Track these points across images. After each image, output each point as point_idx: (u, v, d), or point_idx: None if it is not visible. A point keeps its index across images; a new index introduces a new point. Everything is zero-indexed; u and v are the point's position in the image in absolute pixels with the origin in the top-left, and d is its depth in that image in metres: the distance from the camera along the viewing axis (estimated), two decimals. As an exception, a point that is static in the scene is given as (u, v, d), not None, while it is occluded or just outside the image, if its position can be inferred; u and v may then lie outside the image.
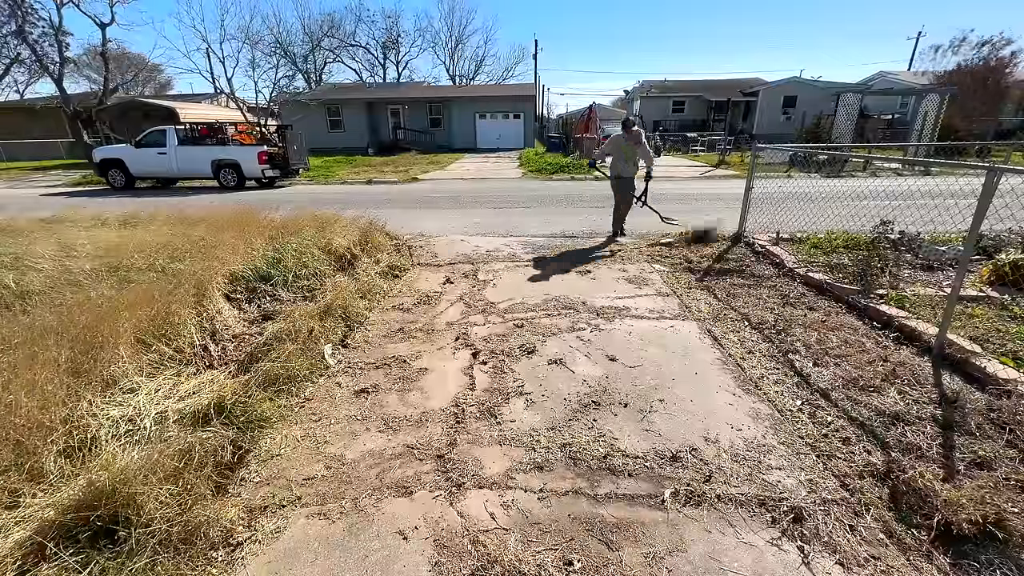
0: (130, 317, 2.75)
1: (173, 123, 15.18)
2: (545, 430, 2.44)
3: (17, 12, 18.60)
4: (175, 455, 1.91)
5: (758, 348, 3.28)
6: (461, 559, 1.72)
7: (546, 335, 3.52)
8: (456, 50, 46.57)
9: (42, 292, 3.34)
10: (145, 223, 5.79)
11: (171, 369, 2.71)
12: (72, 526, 1.60)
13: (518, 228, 7.34)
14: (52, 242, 4.38)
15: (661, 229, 6.68)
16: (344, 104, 25.81)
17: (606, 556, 1.73)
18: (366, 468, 2.20)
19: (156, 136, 13.11)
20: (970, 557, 1.69)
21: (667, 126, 28.55)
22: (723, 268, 5.06)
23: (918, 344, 3.16)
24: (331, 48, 35.83)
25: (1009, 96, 20.50)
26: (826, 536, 1.80)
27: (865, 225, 5.19)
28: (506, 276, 4.98)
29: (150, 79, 35.02)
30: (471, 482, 2.10)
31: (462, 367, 3.11)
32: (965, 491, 1.87)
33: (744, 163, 15.87)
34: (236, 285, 3.78)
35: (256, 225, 4.92)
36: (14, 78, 28.30)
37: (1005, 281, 4.01)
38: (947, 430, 2.31)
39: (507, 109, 26.66)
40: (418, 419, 2.56)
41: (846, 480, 2.07)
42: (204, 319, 3.22)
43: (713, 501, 1.97)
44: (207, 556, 1.70)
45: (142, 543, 1.58)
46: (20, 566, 1.52)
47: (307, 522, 1.91)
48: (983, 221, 2.83)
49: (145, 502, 1.66)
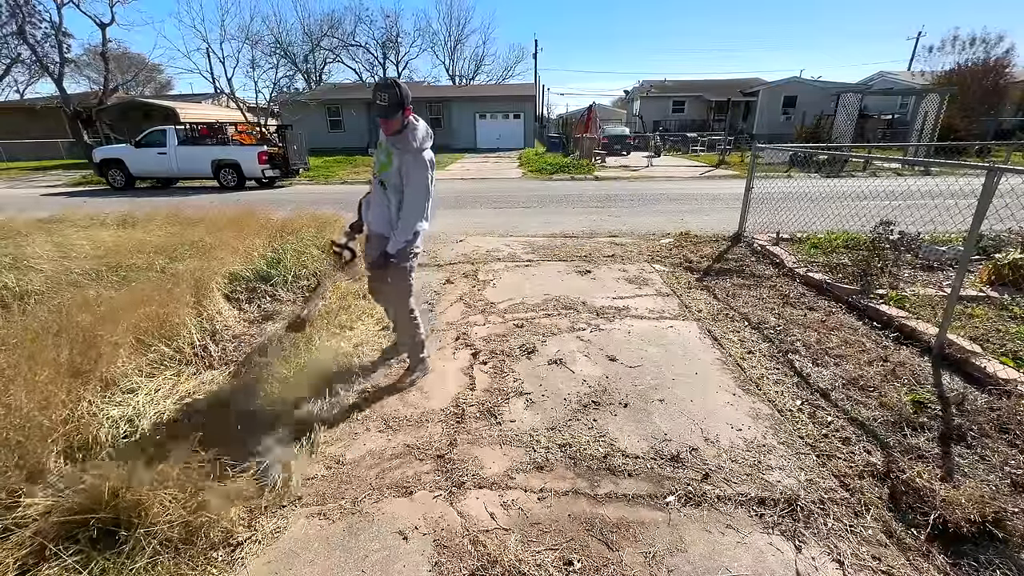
0: (130, 317, 2.75)
1: (173, 123, 15.18)
2: (545, 430, 2.44)
3: (18, 12, 18.60)
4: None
5: (758, 348, 3.28)
6: (461, 559, 1.72)
7: (546, 335, 3.52)
8: (455, 50, 46.59)
9: (42, 292, 3.34)
10: (145, 223, 5.79)
11: (171, 369, 2.71)
12: (72, 526, 1.60)
13: (518, 228, 7.34)
14: (51, 242, 4.38)
15: (662, 229, 6.67)
16: (344, 104, 25.83)
17: (606, 556, 1.73)
18: (366, 468, 2.20)
19: (156, 136, 13.10)
20: (970, 557, 1.69)
21: (667, 126, 28.56)
22: (723, 268, 5.06)
23: (918, 344, 3.15)
24: (331, 48, 35.77)
25: (1009, 96, 20.51)
26: (826, 536, 1.80)
27: (865, 225, 5.19)
28: (506, 276, 4.98)
29: (150, 79, 35.03)
30: (471, 482, 2.10)
31: (462, 367, 3.11)
32: (965, 491, 1.87)
33: (744, 163, 15.87)
34: (236, 285, 3.78)
35: (256, 225, 4.92)
36: (14, 78, 28.29)
37: (1005, 281, 4.01)
38: (947, 430, 2.31)
39: (507, 109, 26.67)
40: (418, 419, 2.56)
41: (846, 480, 2.07)
42: (204, 319, 3.22)
43: (713, 501, 1.97)
44: (207, 556, 1.70)
45: (142, 543, 1.58)
46: (21, 566, 1.52)
47: (307, 522, 1.91)
48: (983, 221, 2.84)
49: (145, 502, 1.66)
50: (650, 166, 17.38)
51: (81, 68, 30.28)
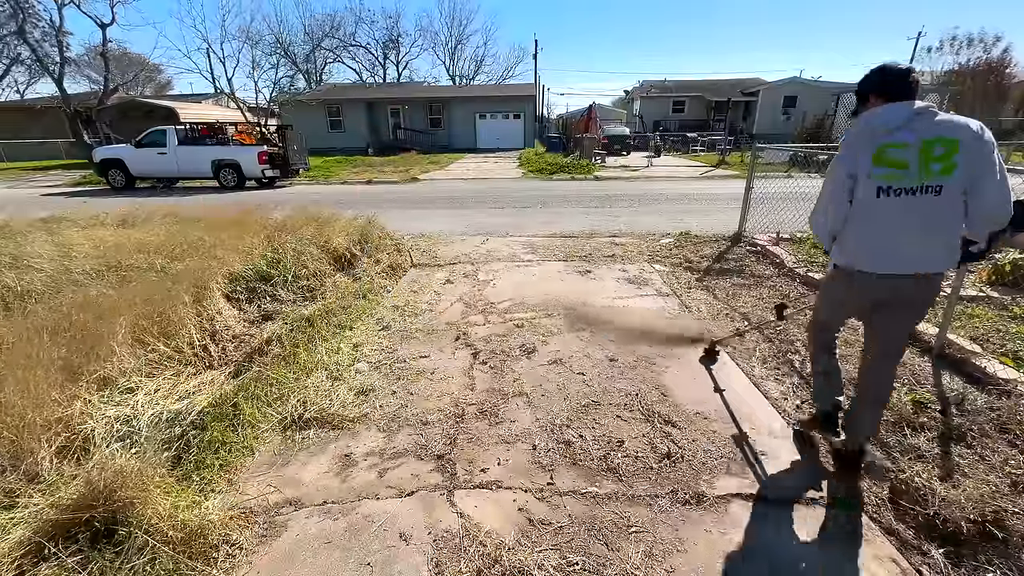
0: (129, 317, 2.75)
1: (173, 123, 15.20)
2: (545, 430, 2.44)
3: (18, 13, 18.60)
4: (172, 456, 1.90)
5: (758, 348, 3.28)
6: (461, 559, 1.72)
7: (546, 335, 3.52)
8: (456, 50, 46.64)
9: (42, 292, 3.34)
10: (145, 223, 5.79)
11: (171, 369, 2.71)
12: (71, 526, 1.60)
13: (518, 228, 7.34)
14: (51, 242, 4.38)
15: (662, 229, 6.67)
16: (344, 104, 25.81)
17: (606, 556, 1.73)
18: (366, 468, 2.20)
19: (156, 136, 13.11)
20: (970, 557, 1.69)
21: (667, 126, 28.56)
22: (723, 268, 5.06)
23: (918, 344, 3.15)
24: (331, 48, 35.81)
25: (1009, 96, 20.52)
26: (829, 531, 1.80)
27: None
28: (506, 276, 4.98)
29: (150, 79, 35.00)
30: (471, 482, 2.10)
31: (462, 367, 3.11)
32: (965, 491, 1.87)
33: (744, 163, 15.86)
34: (236, 285, 3.77)
35: (256, 225, 4.92)
36: (14, 78, 28.36)
37: (1005, 281, 4.01)
38: (947, 430, 2.31)
39: (507, 109, 26.66)
40: (418, 419, 2.56)
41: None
42: (204, 319, 3.22)
43: (713, 501, 1.97)
44: (207, 556, 1.69)
45: (142, 543, 1.58)
46: (19, 566, 1.52)
47: (307, 522, 1.90)
48: (983, 221, 2.83)
49: (144, 502, 1.66)
50: (650, 166, 17.38)
51: (81, 68, 30.26)
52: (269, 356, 3.03)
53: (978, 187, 1.63)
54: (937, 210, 1.66)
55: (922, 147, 1.63)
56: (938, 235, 1.70)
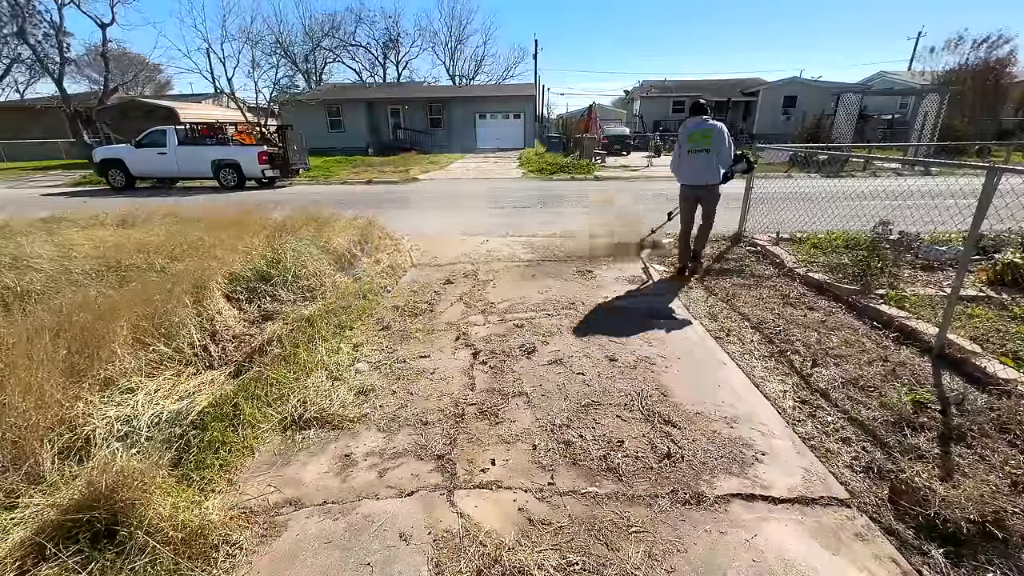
0: (129, 317, 2.75)
1: (173, 123, 15.19)
2: (545, 430, 2.44)
3: (19, 13, 18.60)
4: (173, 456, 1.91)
5: (758, 348, 3.28)
6: (461, 559, 1.72)
7: (546, 335, 3.52)
8: (456, 50, 46.59)
9: (42, 292, 3.34)
10: (145, 223, 5.79)
11: (171, 369, 2.71)
12: (72, 527, 1.60)
13: (518, 228, 7.34)
14: (51, 242, 4.38)
15: (662, 229, 6.66)
16: (344, 104, 25.81)
17: (606, 556, 1.73)
18: (366, 468, 2.20)
19: (156, 136, 13.11)
20: (970, 557, 1.69)
21: (667, 126, 28.50)
22: (723, 268, 5.06)
23: (918, 344, 3.15)
24: (331, 48, 35.84)
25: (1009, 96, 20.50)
26: (825, 534, 1.80)
27: (865, 225, 5.19)
28: (506, 276, 4.98)
29: (150, 79, 35.01)
30: (471, 482, 2.10)
31: (462, 367, 3.11)
32: (965, 491, 1.87)
33: (744, 163, 15.81)
34: (236, 285, 3.77)
35: (256, 225, 4.92)
36: (14, 78, 28.33)
37: (1005, 281, 4.01)
38: (947, 430, 2.31)
39: (507, 109, 26.66)
40: (418, 419, 2.56)
41: (846, 479, 2.07)
42: (204, 319, 3.22)
43: (713, 501, 1.97)
44: (207, 556, 1.69)
45: (142, 544, 1.58)
46: (20, 566, 1.52)
47: (307, 522, 1.91)
48: (983, 221, 2.83)
49: (145, 503, 1.66)
50: (650, 166, 17.38)
51: (81, 68, 30.29)
52: (269, 356, 3.04)
53: (719, 150, 4.35)
54: (708, 159, 4.39)
55: (702, 133, 4.35)
56: (709, 169, 4.42)
